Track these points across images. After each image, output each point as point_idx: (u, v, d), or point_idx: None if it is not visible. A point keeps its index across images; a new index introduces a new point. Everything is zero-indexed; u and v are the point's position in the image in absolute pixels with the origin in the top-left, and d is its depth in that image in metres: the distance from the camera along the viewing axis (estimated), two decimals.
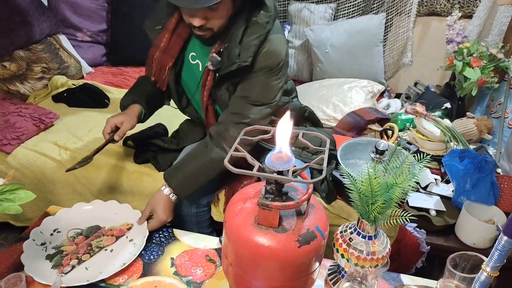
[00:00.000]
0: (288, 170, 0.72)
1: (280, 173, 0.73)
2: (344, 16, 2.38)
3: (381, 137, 1.87)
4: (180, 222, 1.39)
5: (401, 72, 2.48)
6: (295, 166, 0.74)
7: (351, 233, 0.86)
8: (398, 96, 2.41)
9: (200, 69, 1.30)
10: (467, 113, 1.99)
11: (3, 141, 1.67)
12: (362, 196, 0.81)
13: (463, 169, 1.48)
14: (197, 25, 1.12)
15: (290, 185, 0.84)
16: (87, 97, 2.07)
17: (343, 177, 0.88)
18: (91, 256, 1.04)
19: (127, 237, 1.12)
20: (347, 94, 2.08)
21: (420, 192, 1.61)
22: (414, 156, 0.88)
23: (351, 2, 2.34)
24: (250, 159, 0.78)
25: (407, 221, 0.81)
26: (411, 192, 0.84)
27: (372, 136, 1.88)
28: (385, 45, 2.39)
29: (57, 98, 2.06)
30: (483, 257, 0.77)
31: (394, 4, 2.29)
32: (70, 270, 0.99)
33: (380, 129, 1.88)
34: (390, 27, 2.37)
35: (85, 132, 1.81)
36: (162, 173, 1.55)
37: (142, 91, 1.46)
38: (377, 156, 1.18)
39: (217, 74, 1.24)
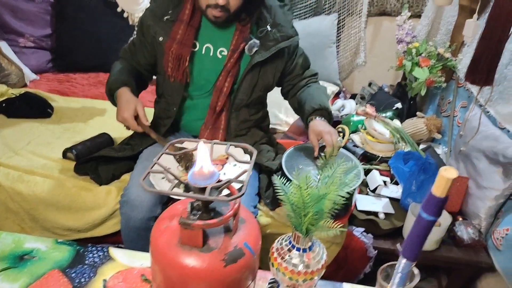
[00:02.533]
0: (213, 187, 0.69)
1: (204, 189, 0.69)
2: (297, 17, 2.36)
3: None
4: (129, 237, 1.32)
5: (356, 72, 2.48)
6: (220, 181, 0.71)
7: (286, 245, 0.83)
8: (353, 96, 2.41)
9: (219, 56, 1.35)
10: (417, 113, 2.00)
11: None
12: (294, 207, 0.79)
13: (408, 171, 1.48)
14: (222, 3, 1.19)
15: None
16: (28, 107, 1.95)
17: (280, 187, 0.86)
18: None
19: (230, 163, 1.16)
20: None
21: (369, 195, 1.60)
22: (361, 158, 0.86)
23: (303, 2, 2.32)
24: (169, 175, 0.75)
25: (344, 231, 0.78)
26: (359, 195, 0.82)
27: None
28: (338, 45, 2.39)
29: None
30: (414, 269, 0.75)
31: (345, 5, 2.29)
32: None
33: None
34: (342, 27, 2.37)
35: (23, 145, 1.70)
36: (103, 187, 1.48)
37: (126, 73, 1.44)
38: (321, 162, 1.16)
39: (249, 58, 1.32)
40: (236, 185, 0.81)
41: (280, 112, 1.99)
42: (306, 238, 0.81)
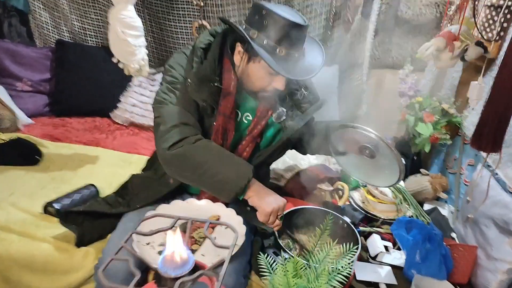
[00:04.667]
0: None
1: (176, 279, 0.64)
2: None
3: (332, 198, 1.75)
4: None
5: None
6: (196, 267, 0.67)
7: None
8: None
9: (245, 121, 1.34)
10: (421, 170, 1.90)
11: None
12: None
13: (411, 239, 1.36)
14: (283, 89, 1.23)
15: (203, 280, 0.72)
16: (16, 153, 1.89)
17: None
18: (199, 246, 1.15)
19: (221, 226, 1.22)
20: None
21: (369, 261, 1.47)
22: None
23: None
24: (132, 267, 0.67)
25: None
26: (358, 262, 0.74)
27: (322, 196, 1.76)
28: (339, 97, 2.34)
29: None
30: None
31: (346, 57, 2.26)
32: None
33: (331, 188, 1.77)
34: (344, 79, 2.33)
35: (5, 196, 1.62)
36: (81, 250, 1.37)
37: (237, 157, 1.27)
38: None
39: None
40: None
41: (277, 165, 1.90)
42: None
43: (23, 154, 1.91)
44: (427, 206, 1.79)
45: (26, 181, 1.75)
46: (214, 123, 1.26)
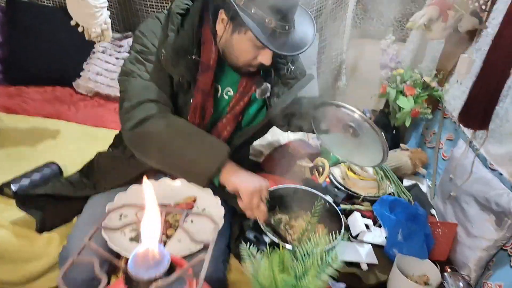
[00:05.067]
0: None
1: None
2: None
3: (311, 174, 1.69)
4: None
5: (337, 97, 2.34)
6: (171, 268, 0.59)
7: None
8: None
9: (226, 97, 1.23)
10: (401, 145, 1.87)
11: None
12: None
13: (394, 219, 1.33)
14: (269, 64, 1.12)
15: None
16: None
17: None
18: (175, 230, 1.08)
19: (198, 208, 1.16)
20: None
21: (350, 240, 1.44)
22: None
23: None
24: (97, 271, 0.57)
25: None
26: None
27: (302, 173, 1.70)
28: (319, 67, 2.25)
29: None
30: None
31: (327, 25, 2.15)
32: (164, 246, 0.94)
33: (311, 165, 1.71)
34: (323, 49, 2.22)
35: None
36: (44, 235, 1.25)
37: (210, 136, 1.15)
38: None
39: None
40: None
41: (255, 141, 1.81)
42: None
43: None
44: (406, 182, 1.77)
45: None
46: (191, 100, 1.15)
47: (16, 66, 2.17)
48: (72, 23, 1.54)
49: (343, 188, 1.62)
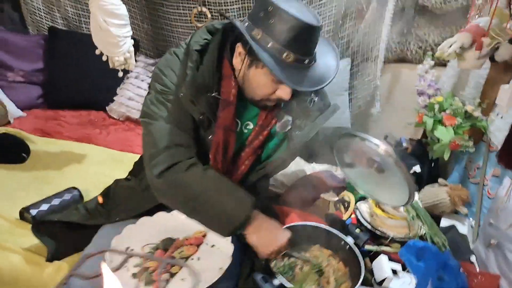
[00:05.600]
0: None
1: None
2: None
3: (336, 209, 1.57)
4: None
5: (371, 123, 2.21)
6: None
7: None
8: None
9: (245, 130, 1.17)
10: (439, 180, 1.70)
11: None
12: None
13: (423, 267, 1.18)
14: (288, 99, 1.06)
15: None
16: (2, 151, 1.78)
17: None
18: (180, 268, 1.03)
19: (207, 244, 1.11)
20: None
21: None
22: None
23: None
24: None
25: None
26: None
27: (325, 207, 1.59)
28: (350, 93, 2.14)
29: None
30: None
31: (359, 50, 2.05)
32: (166, 285, 0.98)
33: (336, 199, 1.59)
34: (356, 74, 2.12)
35: None
36: (55, 263, 1.24)
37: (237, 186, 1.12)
38: None
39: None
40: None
41: None
42: None
43: (10, 152, 1.80)
44: (445, 222, 1.60)
45: (8, 182, 1.64)
46: (213, 137, 1.10)
47: (55, 90, 2.27)
48: (97, 52, 1.57)
49: (369, 226, 1.49)
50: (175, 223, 1.17)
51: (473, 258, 1.41)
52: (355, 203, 1.58)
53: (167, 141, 1.06)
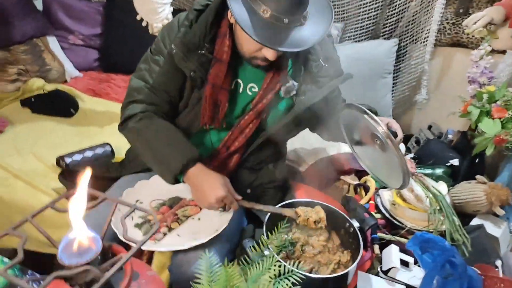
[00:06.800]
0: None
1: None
2: (350, 39, 2.03)
3: (355, 193, 1.52)
4: None
5: (416, 110, 2.06)
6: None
7: None
8: (408, 138, 2.00)
9: (249, 93, 1.18)
10: (477, 177, 1.55)
11: None
12: None
13: (431, 262, 1.10)
14: (272, 59, 1.04)
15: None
16: (53, 104, 1.96)
17: None
18: (179, 225, 1.12)
19: None
20: None
21: (379, 276, 1.24)
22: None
23: (358, 23, 1.98)
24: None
25: None
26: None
27: (344, 190, 1.53)
28: (395, 77, 2.00)
29: (25, 103, 1.98)
30: None
31: (408, 30, 1.90)
32: (162, 238, 1.07)
33: (356, 182, 1.53)
34: (403, 56, 1.97)
35: (29, 145, 1.68)
36: None
37: (177, 135, 1.15)
38: None
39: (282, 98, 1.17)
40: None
41: (303, 147, 1.69)
42: None
43: (60, 106, 1.97)
44: (476, 221, 1.47)
45: (54, 132, 1.80)
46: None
47: (110, 55, 2.41)
48: (138, 17, 1.64)
49: (387, 215, 1.42)
50: (182, 184, 1.21)
51: (498, 263, 1.28)
52: (378, 190, 1.51)
53: (134, 96, 1.17)
